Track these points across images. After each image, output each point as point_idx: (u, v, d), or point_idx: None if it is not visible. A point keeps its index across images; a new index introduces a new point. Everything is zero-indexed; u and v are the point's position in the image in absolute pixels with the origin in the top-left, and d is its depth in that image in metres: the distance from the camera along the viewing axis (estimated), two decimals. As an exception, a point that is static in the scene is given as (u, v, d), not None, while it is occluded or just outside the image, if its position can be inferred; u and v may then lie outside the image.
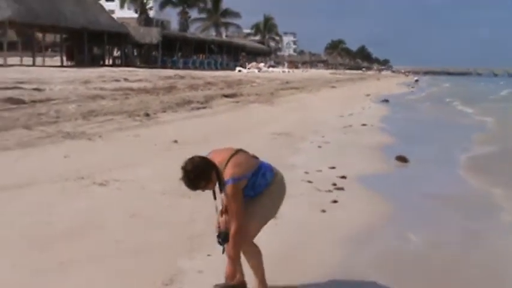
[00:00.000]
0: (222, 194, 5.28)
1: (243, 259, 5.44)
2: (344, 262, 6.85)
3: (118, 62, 62.34)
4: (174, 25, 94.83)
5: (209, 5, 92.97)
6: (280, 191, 5.50)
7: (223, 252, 5.37)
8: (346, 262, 6.86)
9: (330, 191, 10.36)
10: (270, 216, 5.49)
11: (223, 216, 5.36)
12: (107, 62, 61.29)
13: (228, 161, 5.17)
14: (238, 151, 5.33)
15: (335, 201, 9.57)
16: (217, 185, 5.24)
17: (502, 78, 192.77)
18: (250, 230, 5.31)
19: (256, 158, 5.50)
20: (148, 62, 64.76)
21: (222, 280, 5.46)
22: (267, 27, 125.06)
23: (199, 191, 5.25)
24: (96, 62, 56.46)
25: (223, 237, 5.28)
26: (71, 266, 6.13)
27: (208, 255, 5.46)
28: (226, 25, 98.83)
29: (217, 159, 5.19)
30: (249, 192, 5.28)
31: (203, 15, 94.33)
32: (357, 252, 7.33)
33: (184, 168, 5.08)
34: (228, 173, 5.12)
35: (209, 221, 5.79)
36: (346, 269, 6.58)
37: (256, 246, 5.44)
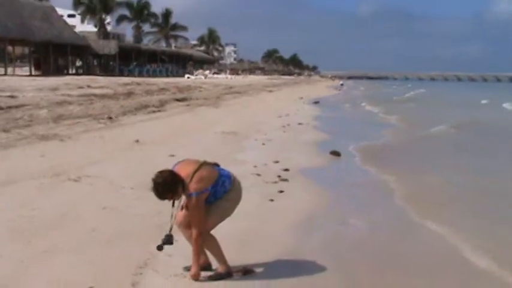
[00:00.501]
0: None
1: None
2: (292, 245, 6.92)
3: (80, 71, 61.23)
4: (129, 38, 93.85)
5: (160, 20, 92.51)
6: (237, 195, 5.59)
7: (158, 249, 5.45)
8: (294, 245, 6.94)
9: (276, 182, 10.45)
10: (227, 216, 5.60)
11: (183, 210, 5.46)
12: (70, 71, 60.19)
13: (193, 175, 5.23)
14: (202, 165, 5.38)
15: (281, 191, 9.65)
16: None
17: (411, 81, 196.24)
18: (208, 225, 5.42)
19: (217, 165, 5.57)
20: (107, 70, 63.69)
21: (189, 262, 5.50)
22: (211, 38, 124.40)
23: None
24: (60, 71, 55.18)
25: (166, 240, 5.40)
26: (53, 255, 6.05)
27: (176, 240, 5.45)
28: (175, 37, 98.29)
29: (183, 173, 5.25)
30: (210, 199, 5.39)
31: (155, 29, 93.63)
32: (303, 236, 7.42)
33: (155, 181, 5.15)
34: (192, 187, 5.22)
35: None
36: (294, 251, 6.65)
37: (213, 238, 5.53)
